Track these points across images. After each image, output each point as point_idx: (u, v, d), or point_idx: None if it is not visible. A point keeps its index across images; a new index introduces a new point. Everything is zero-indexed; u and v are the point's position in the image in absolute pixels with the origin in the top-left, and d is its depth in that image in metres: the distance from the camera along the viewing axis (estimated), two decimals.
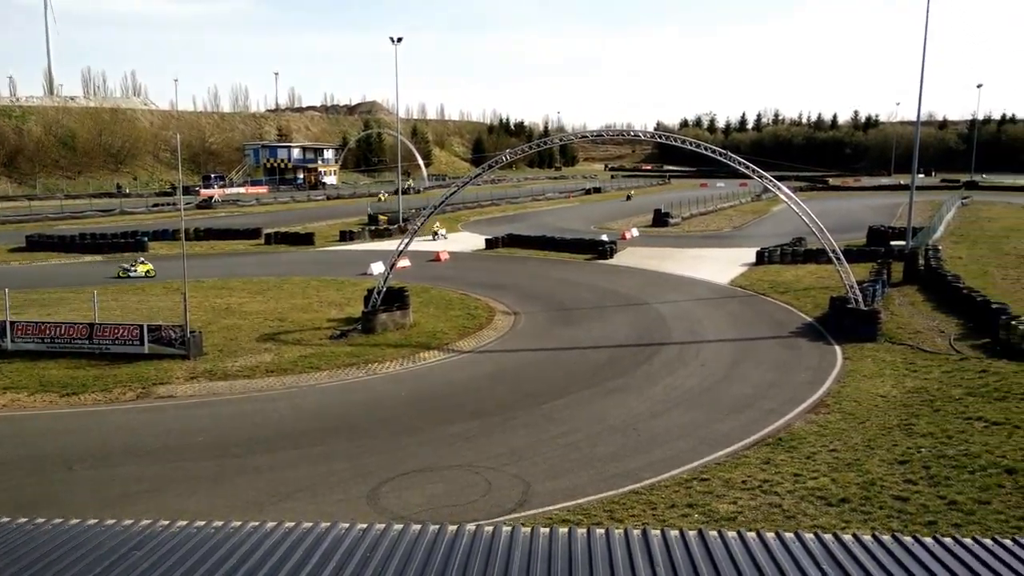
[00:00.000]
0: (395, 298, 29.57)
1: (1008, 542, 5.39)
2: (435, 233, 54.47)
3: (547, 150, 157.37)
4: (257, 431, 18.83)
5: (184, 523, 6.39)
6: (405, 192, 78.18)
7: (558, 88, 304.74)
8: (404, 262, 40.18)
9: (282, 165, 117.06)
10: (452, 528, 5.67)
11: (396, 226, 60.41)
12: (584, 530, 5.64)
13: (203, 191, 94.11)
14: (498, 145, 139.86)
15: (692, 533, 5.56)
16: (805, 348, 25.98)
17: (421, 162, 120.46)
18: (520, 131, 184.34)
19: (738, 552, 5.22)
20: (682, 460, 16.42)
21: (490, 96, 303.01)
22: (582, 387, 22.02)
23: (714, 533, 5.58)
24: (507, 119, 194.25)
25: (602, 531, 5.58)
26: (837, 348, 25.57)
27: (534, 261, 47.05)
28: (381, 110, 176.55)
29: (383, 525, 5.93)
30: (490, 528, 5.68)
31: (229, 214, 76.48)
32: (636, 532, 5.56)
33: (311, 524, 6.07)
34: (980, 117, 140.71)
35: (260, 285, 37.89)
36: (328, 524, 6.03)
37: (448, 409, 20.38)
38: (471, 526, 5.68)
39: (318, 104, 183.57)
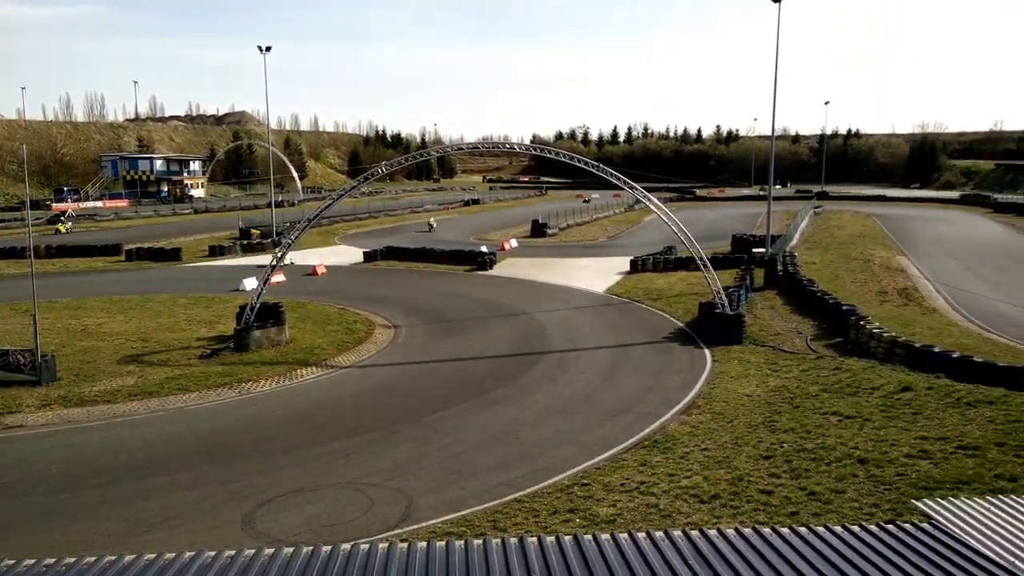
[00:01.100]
0: (270, 314, 28.67)
1: (856, 528, 5.78)
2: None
3: (425, 162, 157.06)
4: (119, 459, 17.76)
5: (31, 562, 5.92)
6: (279, 205, 76.03)
7: (435, 100, 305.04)
8: (279, 277, 39.04)
9: (144, 177, 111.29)
10: (327, 549, 5.53)
11: (270, 240, 58.64)
12: (461, 542, 5.64)
13: (55, 205, 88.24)
14: (375, 157, 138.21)
15: (567, 538, 5.67)
16: (677, 352, 26.98)
17: (295, 174, 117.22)
18: (397, 143, 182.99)
19: (611, 553, 5.37)
20: (563, 466, 16.68)
21: (366, 108, 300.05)
22: (464, 398, 22.02)
23: (589, 536, 5.70)
24: (384, 131, 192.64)
25: (479, 541, 5.59)
26: (707, 351, 26.70)
27: (414, 273, 46.76)
28: (251, 120, 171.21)
29: (253, 550, 5.71)
30: (366, 546, 5.59)
31: (87, 230, 72.01)
32: (513, 540, 5.61)
33: (174, 554, 5.76)
34: (828, 132, 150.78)
35: (121, 304, 35.86)
36: (193, 553, 5.74)
37: (327, 426, 19.91)
38: (346, 545, 5.57)
39: (182, 114, 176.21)
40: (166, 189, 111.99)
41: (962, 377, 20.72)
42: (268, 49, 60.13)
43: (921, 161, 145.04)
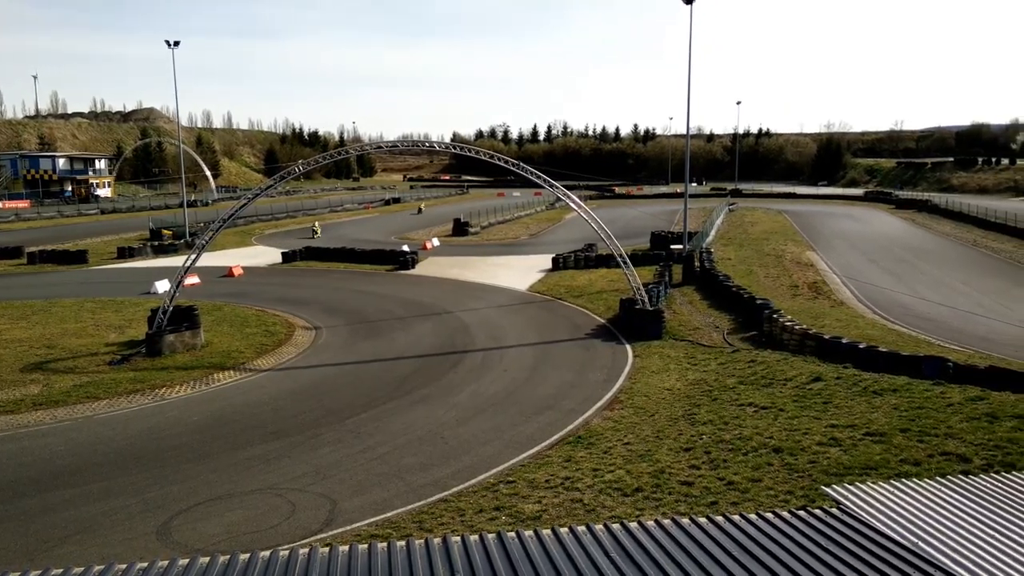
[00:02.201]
0: (184, 317, 27.77)
1: (770, 515, 5.98)
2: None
3: (344, 160, 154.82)
4: (23, 472, 16.91)
5: (16, 575, 5.59)
6: (192, 205, 73.71)
7: (353, 98, 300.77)
8: (193, 279, 37.90)
9: (46, 177, 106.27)
10: (244, 556, 5.39)
11: (182, 241, 56.84)
12: (384, 544, 5.57)
13: None
14: (292, 155, 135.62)
15: (491, 536, 5.67)
16: (600, 348, 27.34)
17: (208, 173, 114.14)
18: (315, 141, 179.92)
19: (534, 550, 5.40)
20: (489, 465, 16.70)
21: (282, 105, 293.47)
22: (388, 399, 21.80)
23: (512, 534, 5.72)
24: (301, 129, 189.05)
25: (402, 543, 5.55)
26: (628, 347, 27.15)
27: (334, 274, 46.05)
28: (160, 118, 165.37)
29: (166, 561, 5.52)
30: (286, 552, 5.47)
31: None
32: (436, 540, 5.58)
33: (83, 568, 5.51)
34: (741, 131, 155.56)
35: (23, 309, 34.15)
36: (103, 566, 5.51)
37: (246, 431, 19.40)
38: (265, 552, 5.43)
39: (86, 110, 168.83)
40: (70, 189, 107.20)
41: (868, 366, 21.63)
42: (176, 44, 58.29)
43: (828, 159, 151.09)
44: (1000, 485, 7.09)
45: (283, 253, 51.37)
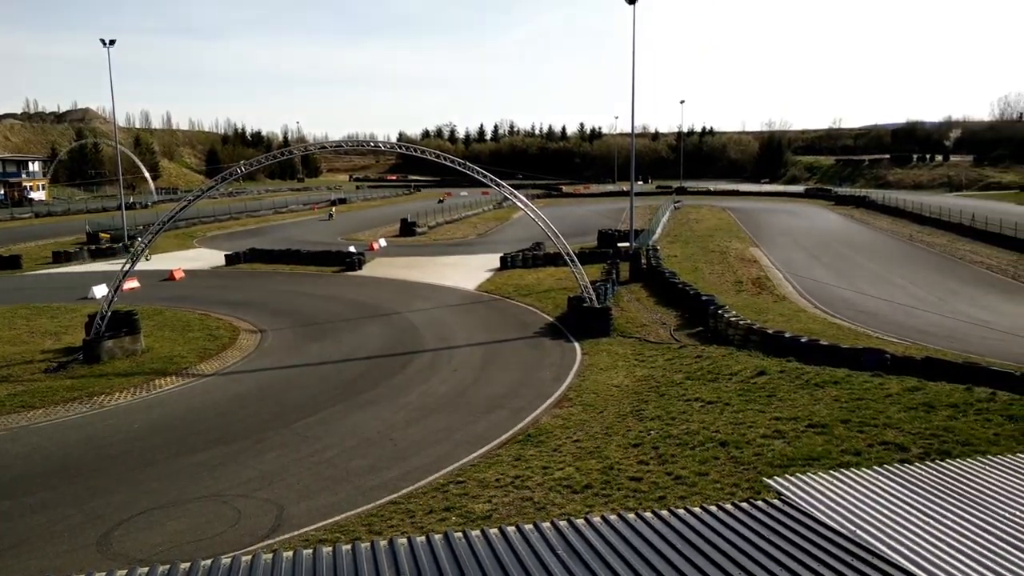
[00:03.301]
0: (123, 322, 27.03)
1: (714, 508, 6.06)
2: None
3: (288, 161, 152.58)
4: None
5: None
6: (130, 207, 71.84)
7: (297, 98, 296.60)
8: (132, 283, 36.95)
9: None
10: (185, 565, 5.25)
11: (121, 244, 55.38)
12: (329, 549, 5.50)
13: None
14: (234, 156, 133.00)
15: (438, 537, 5.64)
16: (548, 347, 27.44)
17: (147, 175, 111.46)
18: (258, 141, 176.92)
19: (481, 550, 5.39)
20: (439, 465, 16.62)
21: (224, 105, 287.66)
22: (336, 402, 21.55)
23: (459, 534, 5.70)
24: (244, 129, 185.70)
25: (348, 547, 5.47)
26: (576, 345, 27.30)
27: (280, 276, 45.35)
28: (96, 118, 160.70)
29: (103, 573, 5.35)
30: (228, 560, 5.35)
31: None
32: (383, 543, 5.52)
33: None
34: (685, 129, 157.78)
35: None
36: None
37: (190, 437, 18.97)
38: (206, 561, 5.30)
39: (18, 111, 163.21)
40: (3, 192, 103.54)
41: (810, 360, 22.13)
42: (112, 43, 56.80)
43: (769, 157, 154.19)
44: (935, 473, 7.31)
45: (226, 255, 50.41)
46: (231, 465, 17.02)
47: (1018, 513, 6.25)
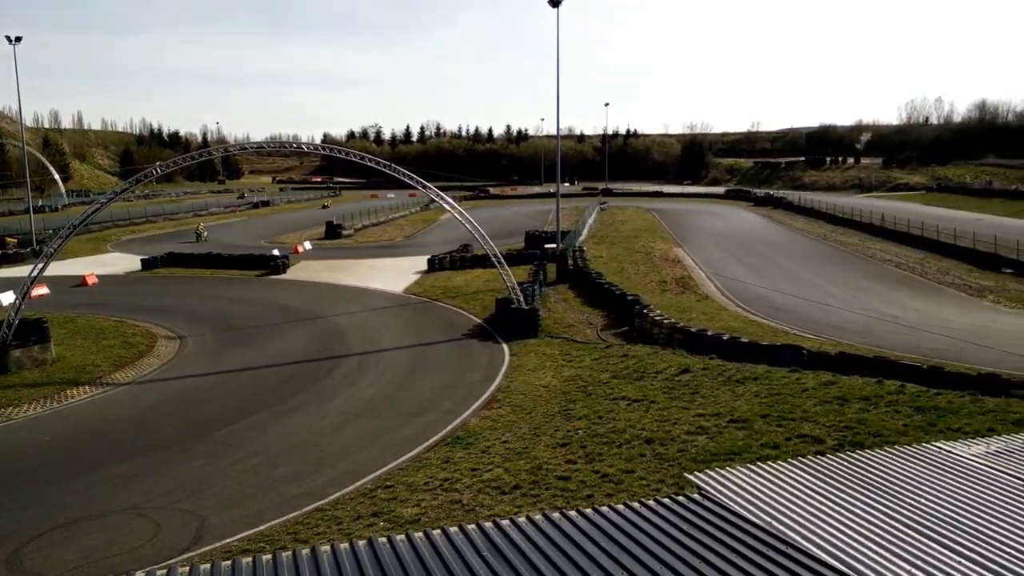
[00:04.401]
0: (32, 331, 25.87)
1: (636, 505, 6.17)
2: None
3: (208, 162, 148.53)
4: None
5: None
6: (39, 211, 68.77)
7: (217, 97, 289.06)
8: (41, 289, 35.38)
9: None
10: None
11: (29, 249, 53.00)
12: (249, 559, 5.37)
13: None
14: (150, 157, 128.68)
15: (361, 543, 5.58)
16: (477, 348, 27.44)
17: (57, 176, 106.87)
18: (176, 142, 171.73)
19: (406, 554, 5.36)
20: (366, 470, 16.43)
21: (138, 105, 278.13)
22: (260, 408, 21.09)
23: (383, 539, 5.65)
24: (160, 129, 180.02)
25: (268, 557, 5.36)
26: (504, 346, 27.37)
27: (199, 280, 44.10)
28: (2, 118, 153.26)
29: None
30: (142, 574, 5.17)
31: None
32: (305, 551, 5.43)
33: None
34: (610, 132, 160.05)
35: None
36: None
37: (105, 449, 18.28)
38: None
39: None
40: None
41: (732, 357, 22.73)
42: (18, 40, 54.35)
43: (691, 159, 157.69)
44: (848, 464, 7.60)
45: (143, 260, 48.77)
46: (149, 477, 16.47)
47: (924, 500, 6.56)
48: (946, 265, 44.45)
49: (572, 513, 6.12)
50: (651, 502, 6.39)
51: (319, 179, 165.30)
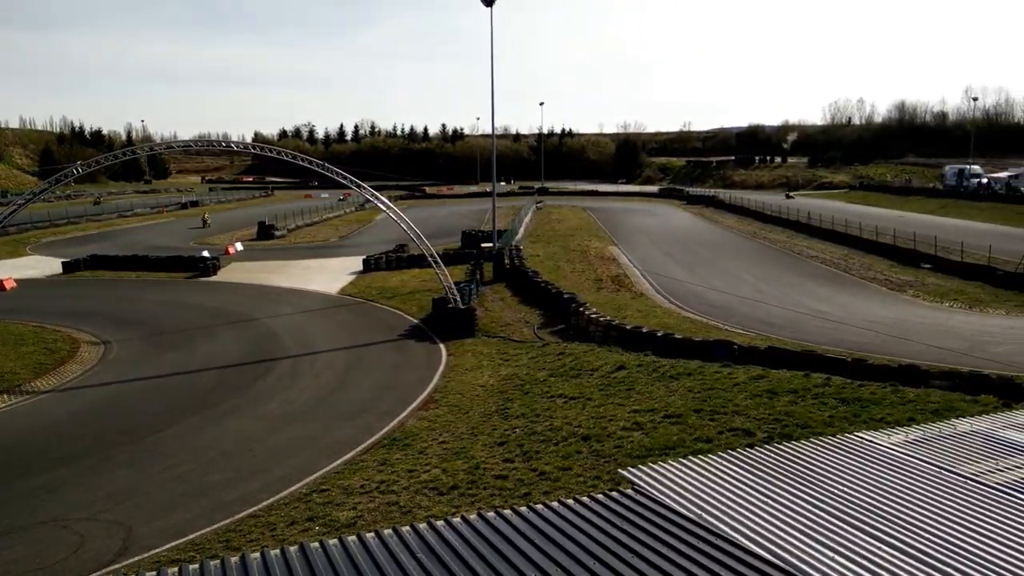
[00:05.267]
0: None
1: (571, 501, 6.23)
2: None
3: (134, 162, 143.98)
4: None
5: None
6: None
7: (142, 95, 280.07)
8: None
9: None
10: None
11: None
12: (176, 569, 5.23)
13: None
14: (72, 156, 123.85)
15: (293, 549, 5.49)
16: (414, 349, 27.28)
17: None
18: (99, 141, 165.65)
19: (339, 559, 5.30)
20: (301, 474, 16.19)
21: (59, 102, 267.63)
22: (191, 413, 20.58)
23: (315, 544, 5.57)
24: (82, 127, 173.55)
25: (196, 566, 5.23)
26: (442, 346, 27.28)
27: (125, 283, 42.73)
28: None
29: None
30: None
31: None
32: (234, 559, 5.32)
33: None
34: (545, 131, 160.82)
35: None
36: None
37: (26, 459, 17.57)
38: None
39: None
40: None
41: (666, 353, 23.09)
42: None
43: (626, 158, 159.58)
44: (775, 455, 7.81)
45: (64, 263, 46.98)
46: (73, 487, 15.91)
47: (846, 489, 6.79)
48: (869, 261, 46.01)
49: (507, 512, 6.14)
50: (585, 499, 6.46)
51: (250, 179, 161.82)
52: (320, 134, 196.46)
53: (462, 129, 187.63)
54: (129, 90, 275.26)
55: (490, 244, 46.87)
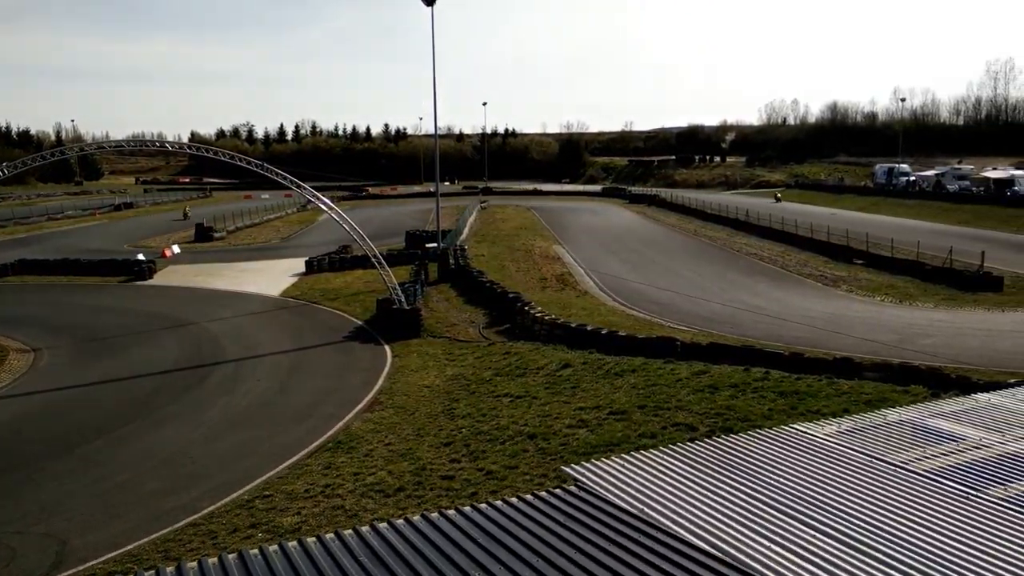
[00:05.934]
0: None
1: (514, 500, 6.26)
2: None
3: (64, 163, 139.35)
4: None
5: None
6: None
7: (72, 94, 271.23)
8: None
9: None
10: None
11: None
12: None
13: None
14: None
15: (231, 556, 5.40)
16: (358, 351, 27.04)
17: None
18: (26, 141, 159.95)
19: (279, 565, 5.23)
20: (243, 480, 15.92)
21: None
22: (126, 421, 20.05)
23: (255, 551, 5.49)
24: (8, 127, 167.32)
25: None
26: (386, 347, 27.09)
27: (56, 289, 41.33)
28: None
29: None
30: None
31: None
32: (169, 569, 5.20)
33: None
34: (489, 131, 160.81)
35: None
36: None
37: None
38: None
39: None
40: None
41: (610, 350, 23.35)
42: None
43: (569, 158, 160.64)
44: (715, 448, 7.97)
45: None
46: (2, 500, 15.40)
47: (782, 480, 6.98)
48: (804, 257, 47.21)
49: (451, 512, 6.14)
50: (528, 496, 6.50)
51: (187, 180, 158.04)
52: (260, 134, 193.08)
53: (405, 129, 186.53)
54: (58, 89, 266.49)
55: (434, 244, 46.68)
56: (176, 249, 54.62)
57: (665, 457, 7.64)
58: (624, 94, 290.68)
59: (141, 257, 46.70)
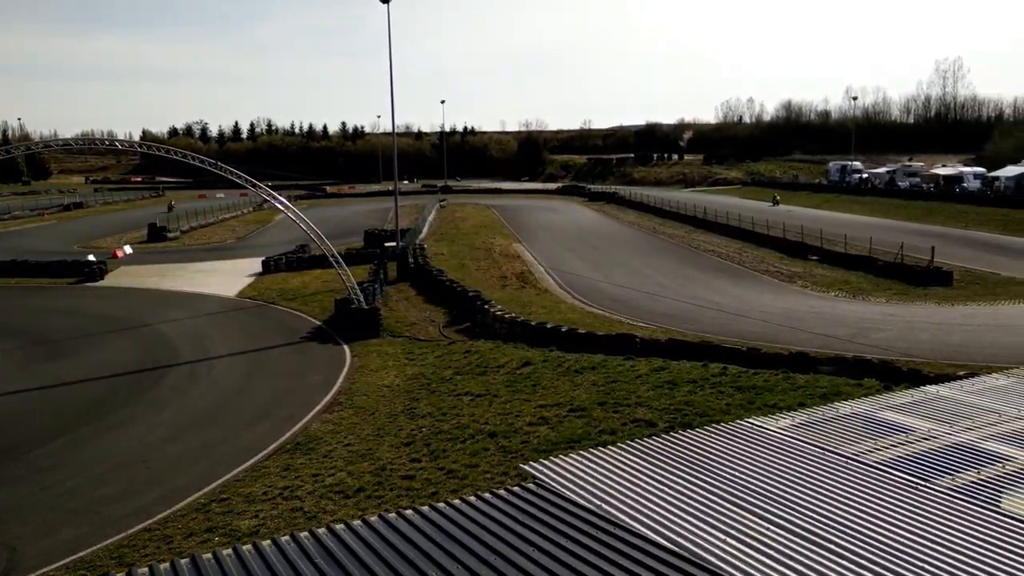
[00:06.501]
0: None
1: (473, 498, 6.26)
2: None
3: (10, 161, 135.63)
4: None
5: None
6: None
7: (18, 91, 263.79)
8: None
9: None
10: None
11: None
12: None
13: None
14: None
15: (184, 562, 5.31)
16: (316, 351, 26.78)
17: None
18: None
19: (233, 569, 5.15)
20: (199, 484, 15.69)
21: None
22: (78, 425, 19.63)
23: (208, 555, 5.41)
24: None
25: None
26: (345, 347, 26.87)
27: (3, 291, 40.32)
28: None
29: None
30: None
31: None
32: (121, 575, 5.09)
33: None
34: (448, 129, 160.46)
35: None
36: None
37: None
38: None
39: None
40: None
41: (571, 348, 23.46)
42: None
43: (528, 156, 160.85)
44: (673, 444, 8.05)
45: None
46: None
47: (737, 473, 7.08)
48: (761, 254, 47.95)
49: (409, 512, 6.12)
50: (487, 495, 6.50)
51: (139, 179, 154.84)
52: (214, 132, 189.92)
53: (363, 127, 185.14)
54: (3, 86, 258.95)
55: (393, 243, 46.41)
56: (128, 249, 53.53)
57: (623, 453, 7.69)
58: (582, 93, 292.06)
59: (92, 258, 45.66)
